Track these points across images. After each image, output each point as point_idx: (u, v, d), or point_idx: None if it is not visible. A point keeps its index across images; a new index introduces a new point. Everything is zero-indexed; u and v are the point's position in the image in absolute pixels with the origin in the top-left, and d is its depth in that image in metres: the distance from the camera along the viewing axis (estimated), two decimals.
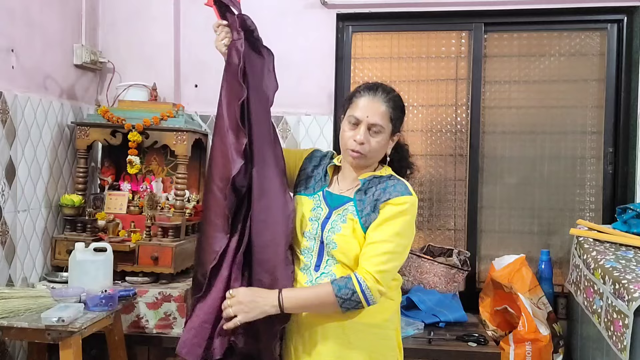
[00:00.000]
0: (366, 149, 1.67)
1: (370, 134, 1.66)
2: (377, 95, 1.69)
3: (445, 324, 2.54)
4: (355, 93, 1.73)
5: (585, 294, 2.23)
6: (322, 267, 1.69)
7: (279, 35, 2.91)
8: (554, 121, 2.92)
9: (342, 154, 1.75)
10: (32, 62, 2.48)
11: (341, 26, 2.97)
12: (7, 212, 2.32)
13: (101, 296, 2.10)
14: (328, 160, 1.83)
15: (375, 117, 1.66)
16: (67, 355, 1.92)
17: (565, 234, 2.84)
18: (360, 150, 1.66)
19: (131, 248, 2.50)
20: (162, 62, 2.94)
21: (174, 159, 2.81)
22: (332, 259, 1.68)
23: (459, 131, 2.98)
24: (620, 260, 2.10)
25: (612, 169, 2.85)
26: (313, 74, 2.93)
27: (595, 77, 2.89)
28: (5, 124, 2.29)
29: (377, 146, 1.68)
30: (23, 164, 2.41)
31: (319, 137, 2.94)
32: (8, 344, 2.31)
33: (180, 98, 2.98)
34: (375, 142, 1.67)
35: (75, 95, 2.83)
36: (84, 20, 2.85)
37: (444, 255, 2.84)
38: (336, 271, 1.67)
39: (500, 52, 2.95)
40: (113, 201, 2.71)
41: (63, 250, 2.54)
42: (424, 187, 3.01)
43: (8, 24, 2.33)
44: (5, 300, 2.04)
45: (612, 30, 2.84)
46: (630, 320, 1.81)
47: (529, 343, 2.26)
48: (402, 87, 3.01)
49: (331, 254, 1.68)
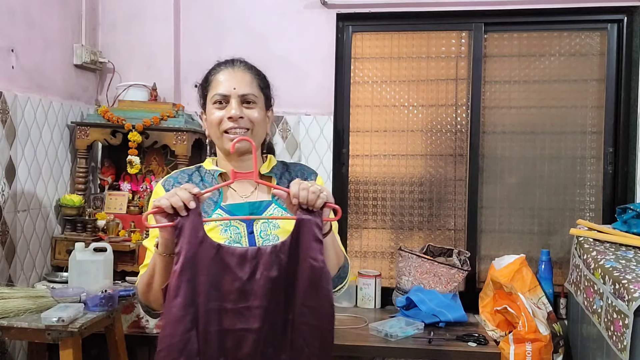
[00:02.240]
0: (246, 123, 1.42)
1: (243, 107, 1.43)
2: (237, 66, 1.48)
3: (445, 324, 2.54)
4: (210, 72, 1.50)
5: (585, 294, 2.23)
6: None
7: (279, 35, 2.92)
8: (554, 121, 2.92)
9: (220, 145, 1.46)
10: (32, 62, 2.48)
11: (341, 26, 2.97)
12: (7, 212, 2.32)
13: (101, 296, 2.10)
14: (203, 171, 1.51)
15: (244, 87, 1.44)
16: (67, 355, 1.92)
17: (565, 234, 2.84)
18: (241, 125, 1.41)
19: (131, 248, 2.51)
20: (162, 62, 2.94)
21: (174, 159, 2.81)
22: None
23: (459, 131, 2.98)
24: (620, 260, 2.09)
25: (612, 169, 2.85)
26: (313, 74, 2.93)
27: (595, 77, 2.89)
28: (5, 124, 2.29)
29: (259, 117, 1.44)
30: (23, 164, 2.41)
31: (319, 137, 2.94)
32: (8, 344, 2.31)
33: (180, 98, 2.98)
34: (253, 113, 1.43)
35: (75, 95, 2.83)
36: (84, 20, 2.85)
37: (444, 255, 2.84)
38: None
39: (500, 52, 2.95)
40: (113, 201, 2.71)
41: (63, 250, 2.54)
42: (424, 187, 3.01)
43: (8, 24, 2.33)
44: (5, 300, 2.04)
45: (612, 30, 2.84)
46: (630, 320, 1.81)
47: (529, 343, 2.26)
48: (402, 87, 3.01)
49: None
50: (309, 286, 1.23)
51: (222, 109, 1.43)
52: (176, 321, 1.20)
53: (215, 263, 1.22)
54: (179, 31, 2.99)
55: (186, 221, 1.20)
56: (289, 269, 1.24)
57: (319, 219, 1.25)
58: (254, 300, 1.22)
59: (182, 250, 1.20)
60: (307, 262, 1.23)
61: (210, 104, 1.47)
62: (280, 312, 1.24)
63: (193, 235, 1.21)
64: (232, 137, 1.41)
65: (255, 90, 1.46)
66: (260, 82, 1.49)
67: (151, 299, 1.36)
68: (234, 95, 1.43)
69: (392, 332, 2.39)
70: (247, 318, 1.23)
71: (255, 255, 1.24)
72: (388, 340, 2.36)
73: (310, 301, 1.23)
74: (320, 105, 2.92)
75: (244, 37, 2.93)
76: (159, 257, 1.27)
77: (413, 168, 3.01)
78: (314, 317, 1.23)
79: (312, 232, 1.23)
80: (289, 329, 1.25)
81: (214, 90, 1.46)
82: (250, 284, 1.23)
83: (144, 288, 1.36)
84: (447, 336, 2.42)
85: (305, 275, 1.23)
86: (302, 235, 1.23)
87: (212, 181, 1.47)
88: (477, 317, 2.68)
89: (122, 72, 2.97)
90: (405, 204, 3.02)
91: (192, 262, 1.20)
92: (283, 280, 1.24)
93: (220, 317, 1.22)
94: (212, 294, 1.22)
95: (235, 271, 1.23)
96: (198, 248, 1.21)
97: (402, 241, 3.02)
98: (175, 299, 1.19)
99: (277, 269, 1.24)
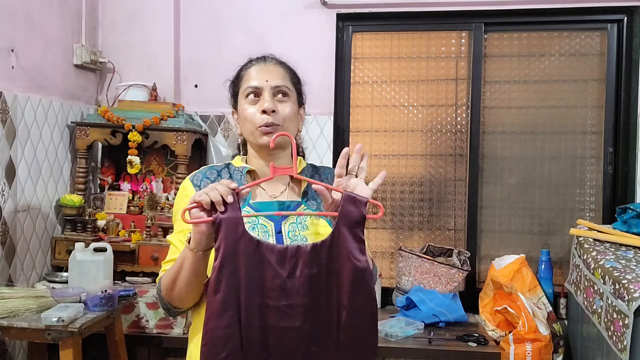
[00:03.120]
0: (279, 117, 1.38)
1: (277, 101, 1.39)
2: (269, 61, 1.46)
3: (445, 324, 2.54)
4: (241, 68, 1.47)
5: (585, 294, 2.23)
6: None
7: (279, 35, 2.91)
8: (554, 121, 2.92)
9: (253, 140, 1.41)
10: (32, 62, 2.48)
11: (341, 26, 2.97)
12: (7, 212, 2.32)
13: (101, 296, 2.10)
14: (232, 168, 1.47)
15: (277, 79, 1.40)
16: (67, 355, 1.92)
17: (565, 234, 2.84)
18: (274, 122, 1.36)
19: (131, 248, 2.51)
20: (162, 62, 2.94)
21: (174, 159, 2.81)
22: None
23: (459, 131, 2.98)
24: (620, 260, 2.09)
25: (612, 169, 2.85)
26: (313, 74, 2.89)
27: (595, 77, 2.89)
28: (5, 124, 2.29)
29: (291, 112, 1.40)
30: (23, 164, 2.41)
31: (319, 137, 2.94)
32: (8, 344, 2.31)
33: (180, 98, 2.98)
34: (286, 107, 1.39)
35: (75, 95, 2.83)
36: (84, 20, 2.85)
37: (444, 255, 2.84)
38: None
39: (500, 52, 2.95)
40: (113, 201, 2.71)
41: (63, 250, 2.54)
42: (424, 187, 3.01)
43: (8, 24, 2.33)
44: (5, 300, 2.04)
45: (612, 30, 2.84)
46: (630, 320, 1.81)
47: (529, 343, 2.26)
48: (402, 87, 3.01)
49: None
50: (353, 287, 1.21)
51: (255, 104, 1.39)
52: (218, 316, 1.18)
53: (255, 259, 1.21)
54: (179, 31, 2.99)
55: (225, 216, 1.19)
56: (330, 268, 1.22)
57: (360, 213, 1.20)
58: (296, 298, 1.21)
59: (222, 246, 1.18)
60: (351, 262, 1.20)
61: (243, 98, 1.42)
62: (322, 311, 1.22)
63: (233, 230, 1.19)
64: (265, 129, 1.37)
65: (288, 83, 1.43)
66: (293, 77, 1.47)
67: (175, 295, 1.33)
68: (266, 87, 1.39)
69: (392, 332, 2.39)
70: (289, 316, 1.21)
71: (295, 253, 1.21)
72: (388, 340, 2.36)
73: (356, 302, 1.21)
74: (320, 105, 2.92)
75: (244, 37, 2.93)
76: (190, 253, 1.25)
77: (413, 168, 3.02)
78: (360, 318, 1.22)
79: (353, 230, 1.21)
80: (333, 329, 1.23)
81: (246, 84, 1.41)
82: (291, 282, 1.21)
83: (169, 284, 1.33)
84: (447, 336, 2.42)
85: (349, 277, 1.20)
86: (343, 234, 1.21)
87: (240, 178, 1.43)
88: (477, 317, 2.68)
89: (122, 72, 2.97)
90: (405, 204, 3.02)
91: (232, 257, 1.19)
92: (324, 279, 1.22)
93: (262, 313, 1.21)
94: (253, 290, 1.20)
95: (275, 268, 1.21)
96: (238, 243, 1.19)
97: (402, 241, 3.02)
98: (217, 294, 1.18)
99: (317, 267, 1.22)
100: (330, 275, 1.22)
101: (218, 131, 2.98)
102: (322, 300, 1.22)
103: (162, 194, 2.79)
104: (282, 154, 1.42)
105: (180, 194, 1.43)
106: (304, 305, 1.21)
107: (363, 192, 1.22)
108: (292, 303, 1.21)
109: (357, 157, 1.26)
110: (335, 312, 1.22)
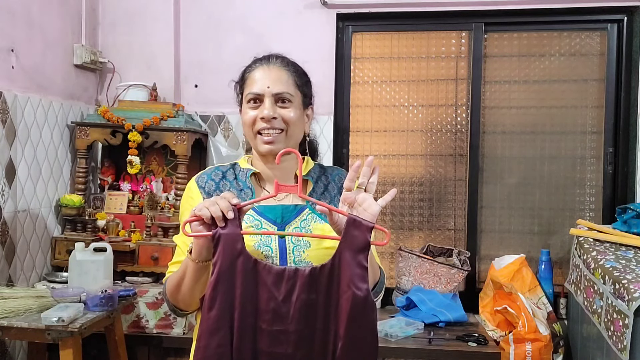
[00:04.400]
0: (280, 123, 1.36)
1: (278, 107, 1.37)
2: (272, 63, 1.43)
3: (445, 324, 2.54)
4: (245, 70, 1.45)
5: (585, 294, 2.23)
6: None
7: (278, 36, 2.91)
8: (554, 121, 2.92)
9: (254, 146, 1.41)
10: (32, 62, 2.48)
11: (341, 26, 2.97)
12: (7, 212, 2.32)
13: (101, 296, 2.10)
14: (237, 169, 1.46)
15: (279, 85, 1.38)
16: (67, 355, 1.92)
17: (565, 234, 2.84)
18: (275, 126, 1.36)
19: (131, 248, 2.51)
20: (162, 62, 2.94)
21: (174, 159, 2.81)
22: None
23: (459, 131, 2.98)
24: (620, 260, 2.09)
25: (612, 169, 2.85)
26: (313, 74, 2.86)
27: (595, 77, 2.89)
28: (5, 124, 2.29)
29: (294, 117, 1.38)
30: (23, 164, 2.41)
31: (319, 137, 2.93)
32: (8, 344, 2.31)
33: (180, 98, 2.98)
34: (288, 112, 1.38)
35: (75, 95, 2.83)
36: (84, 20, 2.85)
37: (444, 255, 2.84)
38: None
39: (500, 52, 2.95)
40: (113, 201, 2.71)
41: (63, 250, 2.54)
42: (424, 187, 3.01)
43: (8, 24, 2.33)
44: (5, 300, 2.04)
45: (612, 30, 2.84)
46: (630, 320, 1.81)
47: (529, 343, 2.26)
48: (402, 87, 3.01)
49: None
50: (351, 317, 1.15)
51: (256, 109, 1.38)
52: (210, 334, 1.16)
53: (251, 278, 1.18)
54: (179, 31, 2.99)
55: (224, 232, 1.17)
56: (329, 294, 1.17)
57: (365, 239, 1.15)
58: (290, 324, 1.17)
59: (219, 261, 1.17)
60: (351, 290, 1.14)
61: (245, 102, 1.41)
62: (317, 340, 1.18)
63: (231, 246, 1.17)
64: (265, 139, 1.36)
65: (290, 88, 1.40)
66: (298, 79, 1.44)
67: (179, 299, 1.33)
68: (267, 94, 1.37)
69: (392, 332, 2.39)
70: (282, 342, 1.18)
71: (293, 275, 1.18)
72: (388, 340, 2.36)
73: (353, 332, 1.16)
74: (320, 105, 2.87)
75: (244, 37, 2.93)
76: (191, 263, 1.24)
77: (413, 168, 3.02)
78: (357, 351, 1.17)
79: (356, 257, 1.15)
80: (328, 359, 1.19)
81: (248, 89, 1.40)
82: (286, 306, 1.17)
83: (174, 289, 1.32)
84: (447, 336, 2.42)
85: (348, 306, 1.15)
86: (345, 259, 1.15)
87: (245, 180, 1.41)
88: (477, 317, 2.68)
89: (122, 72, 2.97)
90: (405, 204, 3.02)
91: (228, 274, 1.17)
92: (321, 306, 1.18)
93: (255, 336, 1.18)
94: (248, 311, 1.17)
95: (271, 289, 1.18)
96: (235, 261, 1.17)
97: (402, 241, 3.02)
98: (211, 311, 1.16)
99: (315, 293, 1.18)
100: (329, 302, 1.18)
101: (218, 131, 2.98)
102: (318, 328, 1.18)
103: (162, 194, 2.79)
104: (285, 158, 1.36)
105: (185, 195, 1.43)
106: (297, 332, 1.17)
107: (371, 208, 1.19)
108: (286, 329, 1.17)
109: (367, 170, 1.22)
110: (331, 342, 1.18)
